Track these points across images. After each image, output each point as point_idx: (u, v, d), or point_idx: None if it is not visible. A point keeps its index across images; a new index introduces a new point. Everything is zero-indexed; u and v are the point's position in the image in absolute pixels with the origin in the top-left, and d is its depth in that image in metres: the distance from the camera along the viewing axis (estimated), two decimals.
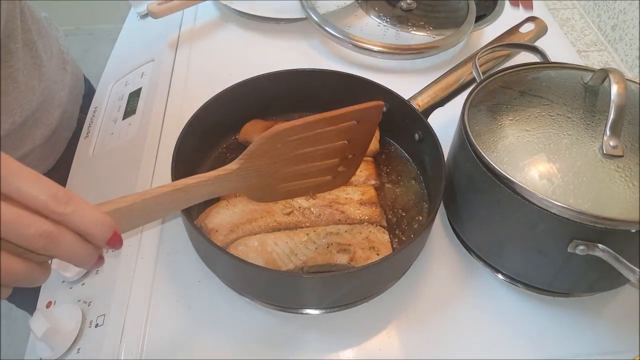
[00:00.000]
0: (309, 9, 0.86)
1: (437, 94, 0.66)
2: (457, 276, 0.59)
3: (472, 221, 0.57)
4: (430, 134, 0.60)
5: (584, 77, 0.55)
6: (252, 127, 0.68)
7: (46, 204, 0.33)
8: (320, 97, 0.69)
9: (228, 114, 0.67)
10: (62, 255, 0.35)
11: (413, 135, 0.65)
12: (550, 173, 0.47)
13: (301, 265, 0.54)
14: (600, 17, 1.00)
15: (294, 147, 0.47)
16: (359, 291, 0.54)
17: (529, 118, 0.52)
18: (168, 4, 0.86)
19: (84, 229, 0.35)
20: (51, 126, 0.76)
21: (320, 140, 0.48)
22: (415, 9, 0.88)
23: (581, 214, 0.44)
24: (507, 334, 0.55)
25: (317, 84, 0.70)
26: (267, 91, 0.69)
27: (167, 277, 0.59)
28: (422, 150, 0.64)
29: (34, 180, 0.33)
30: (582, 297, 0.57)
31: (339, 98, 0.67)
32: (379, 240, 0.56)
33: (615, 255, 0.44)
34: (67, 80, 0.81)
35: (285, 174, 0.50)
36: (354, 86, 0.68)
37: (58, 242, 0.33)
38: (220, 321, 0.56)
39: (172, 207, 0.44)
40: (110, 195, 0.67)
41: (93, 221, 0.35)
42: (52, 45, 0.78)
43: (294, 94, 0.71)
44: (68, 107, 0.81)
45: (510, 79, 0.58)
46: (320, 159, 0.50)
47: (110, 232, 0.36)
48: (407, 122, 0.65)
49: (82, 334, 0.55)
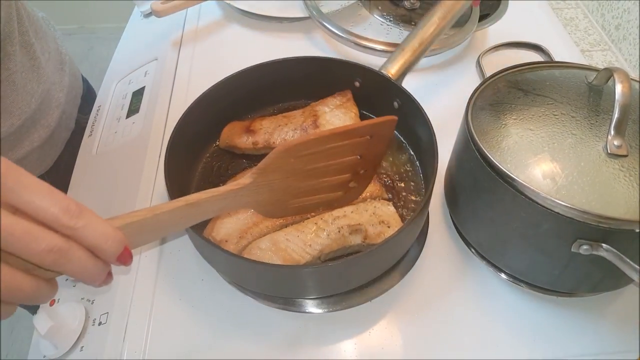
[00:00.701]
0: (312, 8, 0.86)
1: (406, 59, 0.65)
2: (460, 275, 0.59)
3: (475, 220, 0.57)
4: (409, 98, 0.60)
5: (588, 77, 0.55)
6: (231, 130, 0.67)
7: (57, 217, 0.32)
8: (293, 86, 0.69)
9: (204, 123, 0.65)
10: (72, 271, 0.33)
11: (392, 105, 0.64)
12: (554, 172, 0.47)
13: (318, 254, 0.54)
14: (604, 17, 0.99)
15: (306, 161, 0.47)
16: (380, 266, 0.54)
17: (533, 117, 0.52)
18: (171, 3, 0.86)
19: (95, 244, 0.33)
20: (50, 127, 0.76)
21: (333, 155, 0.48)
22: (418, 8, 0.88)
23: (585, 213, 0.44)
24: (510, 333, 0.55)
25: (286, 74, 0.69)
26: (238, 91, 0.68)
27: (170, 275, 0.59)
28: (404, 117, 0.63)
29: (46, 193, 0.32)
30: (585, 297, 0.57)
31: (312, 83, 0.68)
32: (386, 213, 0.57)
33: (619, 255, 0.44)
34: (66, 81, 0.81)
35: (297, 189, 0.49)
36: (324, 69, 0.68)
37: (69, 257, 0.32)
38: (224, 320, 0.56)
39: (183, 222, 0.43)
40: (114, 194, 0.68)
41: (104, 236, 0.34)
42: (50, 46, 0.78)
43: (266, 88, 0.70)
44: (66, 108, 0.81)
45: (514, 78, 0.57)
46: (332, 174, 0.50)
47: (121, 247, 0.35)
48: (384, 92, 0.64)
49: (85, 332, 0.55)
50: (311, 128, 0.64)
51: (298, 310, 0.56)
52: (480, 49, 0.84)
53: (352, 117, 0.66)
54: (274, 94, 0.72)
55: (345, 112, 0.66)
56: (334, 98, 0.68)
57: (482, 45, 0.86)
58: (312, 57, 0.68)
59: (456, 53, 0.86)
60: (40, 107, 0.73)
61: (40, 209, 0.31)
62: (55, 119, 0.77)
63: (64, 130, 0.81)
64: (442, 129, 0.60)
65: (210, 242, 0.50)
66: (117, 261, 0.35)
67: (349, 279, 0.53)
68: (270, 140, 0.65)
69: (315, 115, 0.66)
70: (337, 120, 0.65)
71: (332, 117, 0.66)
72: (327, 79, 0.68)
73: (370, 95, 0.66)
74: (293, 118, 0.67)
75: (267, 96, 0.72)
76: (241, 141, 0.66)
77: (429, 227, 0.62)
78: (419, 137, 0.63)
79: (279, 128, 0.66)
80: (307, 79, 0.69)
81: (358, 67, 0.65)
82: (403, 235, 0.50)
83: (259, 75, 0.68)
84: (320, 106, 0.67)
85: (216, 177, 0.65)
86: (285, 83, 0.70)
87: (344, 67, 0.67)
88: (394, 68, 0.64)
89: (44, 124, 0.74)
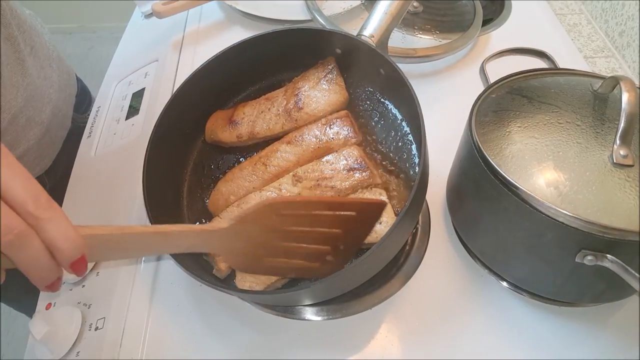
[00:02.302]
0: (315, 10, 0.85)
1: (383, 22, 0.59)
2: (462, 283, 0.58)
3: (478, 228, 0.56)
4: (391, 65, 0.55)
5: (593, 85, 0.54)
6: (214, 124, 0.64)
7: (25, 203, 0.32)
8: (274, 62, 0.66)
9: (186, 119, 0.62)
10: (24, 261, 0.33)
11: (379, 71, 0.59)
12: (558, 181, 0.46)
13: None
14: (607, 23, 0.99)
15: (288, 222, 0.47)
16: (376, 267, 0.52)
17: (537, 125, 0.51)
18: (173, 4, 0.86)
19: (55, 242, 0.33)
20: (43, 124, 0.75)
21: (316, 222, 0.47)
22: (421, 12, 0.87)
23: (590, 223, 0.43)
24: (511, 342, 0.54)
25: (263, 51, 0.64)
26: (217, 78, 0.64)
27: (168, 281, 0.59)
28: (391, 85, 0.58)
29: (23, 178, 0.32)
30: (587, 307, 0.57)
31: (294, 57, 0.64)
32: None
33: (624, 267, 0.43)
34: (55, 77, 0.80)
35: (273, 247, 0.48)
36: (302, 41, 0.63)
37: (25, 245, 0.32)
38: (222, 326, 0.55)
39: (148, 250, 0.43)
40: (112, 196, 0.67)
41: (65, 236, 0.33)
42: (35, 41, 0.77)
43: (246, 69, 0.66)
44: (60, 105, 0.81)
45: (518, 85, 0.57)
46: (312, 242, 0.49)
47: (79, 253, 0.34)
48: (368, 60, 0.60)
49: (81, 337, 0.54)
50: (294, 111, 0.61)
51: (297, 317, 0.55)
52: (484, 53, 0.83)
53: (338, 90, 0.61)
54: (256, 74, 0.67)
55: (330, 85, 0.61)
56: (316, 69, 0.63)
57: (486, 50, 0.86)
58: (285, 30, 0.63)
59: (459, 58, 0.85)
60: (29, 103, 0.72)
61: (11, 190, 0.32)
62: (48, 115, 0.77)
63: (59, 129, 0.81)
64: (445, 134, 0.59)
65: (205, 280, 0.48)
66: (70, 267, 0.35)
67: (345, 287, 0.52)
68: (254, 131, 0.62)
69: (297, 95, 0.62)
70: (322, 97, 0.61)
71: (317, 94, 0.61)
72: (308, 51, 0.63)
73: (356, 61, 0.61)
74: (275, 100, 0.63)
75: (249, 77, 0.68)
76: (225, 135, 0.63)
77: (431, 234, 0.62)
78: (406, 108, 0.58)
79: (261, 115, 0.62)
80: (287, 53, 0.64)
81: (344, 36, 0.60)
82: (394, 236, 0.46)
83: (236, 57, 0.63)
84: (302, 82, 0.63)
85: (207, 177, 0.63)
86: (264, 60, 0.65)
87: (325, 35, 0.61)
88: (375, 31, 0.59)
89: (37, 121, 0.74)
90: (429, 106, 0.60)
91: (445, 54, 0.80)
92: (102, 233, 0.37)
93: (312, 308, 0.56)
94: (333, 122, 0.59)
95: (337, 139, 0.58)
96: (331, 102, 0.60)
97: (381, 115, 0.61)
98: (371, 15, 0.59)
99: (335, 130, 0.58)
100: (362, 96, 0.63)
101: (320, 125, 0.59)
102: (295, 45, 0.63)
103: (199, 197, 0.61)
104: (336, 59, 0.62)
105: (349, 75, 0.63)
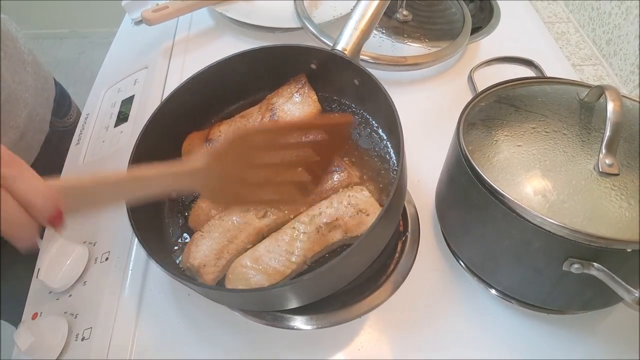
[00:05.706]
0: (305, 18, 0.85)
1: (355, 34, 0.61)
2: (451, 291, 0.58)
3: (466, 236, 0.56)
4: (366, 74, 0.57)
5: (580, 93, 0.54)
6: (190, 143, 0.64)
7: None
8: (250, 82, 0.67)
9: (162, 144, 0.61)
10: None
11: (353, 82, 0.62)
12: (545, 190, 0.47)
13: (302, 261, 0.53)
14: (595, 32, 1.00)
15: (260, 149, 0.46)
16: (374, 251, 0.53)
17: (524, 134, 0.51)
18: (163, 12, 0.86)
19: (27, 199, 0.33)
20: (19, 128, 0.75)
21: (288, 146, 0.47)
22: (411, 20, 0.88)
23: (576, 232, 0.43)
24: (500, 350, 0.54)
25: (238, 71, 0.65)
26: (192, 100, 0.64)
27: (156, 290, 0.58)
28: (366, 94, 0.61)
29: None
30: (575, 314, 0.57)
31: (269, 75, 0.65)
32: (362, 200, 0.55)
33: (610, 275, 0.44)
34: (30, 81, 0.80)
35: (250, 179, 0.48)
36: (276, 58, 0.65)
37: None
38: (211, 336, 0.55)
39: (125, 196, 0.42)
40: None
41: (37, 191, 0.33)
42: (8, 46, 0.76)
43: (221, 91, 0.66)
44: (36, 109, 0.80)
45: (505, 93, 0.57)
46: (286, 167, 0.49)
47: (54, 207, 0.34)
48: (342, 71, 0.62)
49: (67, 347, 0.54)
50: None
51: (287, 327, 0.55)
52: (472, 62, 0.84)
53: (311, 102, 0.63)
54: (232, 94, 0.68)
55: (302, 98, 0.63)
56: (289, 86, 0.65)
57: (474, 59, 0.87)
58: (260, 48, 0.64)
59: (448, 66, 0.86)
60: (4, 107, 0.71)
61: None
62: (24, 119, 0.76)
63: (37, 133, 0.80)
64: (433, 143, 0.60)
65: (182, 278, 0.48)
66: (48, 222, 0.34)
67: (333, 284, 0.51)
68: None
69: (271, 109, 0.63)
70: (296, 109, 0.62)
71: (291, 107, 0.63)
72: (284, 67, 0.65)
73: (330, 74, 0.63)
74: (250, 116, 0.64)
75: (226, 98, 0.68)
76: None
77: (420, 241, 0.62)
78: (383, 114, 0.60)
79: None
80: (262, 72, 0.65)
81: (316, 50, 0.62)
82: (379, 229, 0.47)
83: (211, 79, 0.64)
84: (276, 97, 0.64)
85: (186, 198, 0.62)
86: (240, 81, 0.66)
87: (298, 51, 0.63)
88: (348, 44, 0.61)
89: (12, 125, 0.73)
90: (417, 113, 0.61)
91: (435, 61, 0.81)
92: (75, 184, 0.36)
93: (302, 317, 0.55)
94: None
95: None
96: (305, 115, 0.62)
97: (360, 124, 0.63)
98: (343, 31, 0.62)
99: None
100: (341, 109, 0.65)
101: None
102: (272, 63, 0.65)
103: (181, 215, 0.60)
104: (312, 73, 0.64)
105: (326, 88, 0.65)
